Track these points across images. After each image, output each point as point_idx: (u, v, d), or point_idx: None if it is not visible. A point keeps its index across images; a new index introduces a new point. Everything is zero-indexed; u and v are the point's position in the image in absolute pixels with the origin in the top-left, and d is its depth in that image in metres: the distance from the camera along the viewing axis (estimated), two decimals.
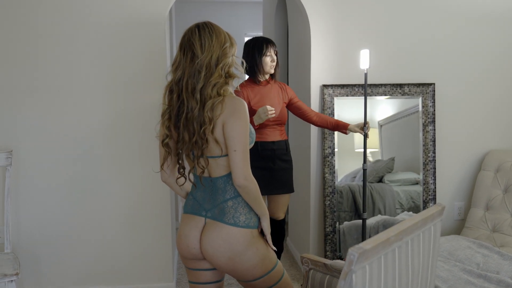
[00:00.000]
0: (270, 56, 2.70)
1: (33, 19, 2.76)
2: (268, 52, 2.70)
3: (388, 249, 1.24)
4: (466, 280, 2.30)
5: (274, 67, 2.73)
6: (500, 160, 3.12)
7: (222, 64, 1.66)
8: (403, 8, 3.09)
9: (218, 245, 1.68)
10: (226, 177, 1.70)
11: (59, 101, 2.83)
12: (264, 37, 2.79)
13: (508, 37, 3.20)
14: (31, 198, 2.86)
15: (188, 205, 1.80)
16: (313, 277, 1.92)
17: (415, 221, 1.36)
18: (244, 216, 1.70)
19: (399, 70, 3.13)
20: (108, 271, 2.97)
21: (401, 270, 1.30)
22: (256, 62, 2.71)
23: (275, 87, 2.82)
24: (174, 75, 1.68)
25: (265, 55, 2.70)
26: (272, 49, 2.71)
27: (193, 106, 1.63)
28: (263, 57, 2.70)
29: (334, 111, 3.06)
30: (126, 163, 2.90)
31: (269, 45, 2.71)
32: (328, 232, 3.08)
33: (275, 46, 2.74)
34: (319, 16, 3.01)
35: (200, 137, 1.63)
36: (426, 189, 3.16)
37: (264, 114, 2.56)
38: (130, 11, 2.81)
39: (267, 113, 2.55)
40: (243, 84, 2.80)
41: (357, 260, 1.11)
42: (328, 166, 3.07)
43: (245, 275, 1.72)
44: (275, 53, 2.73)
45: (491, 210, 3.03)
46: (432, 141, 3.14)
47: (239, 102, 1.65)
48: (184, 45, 1.68)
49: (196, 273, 1.82)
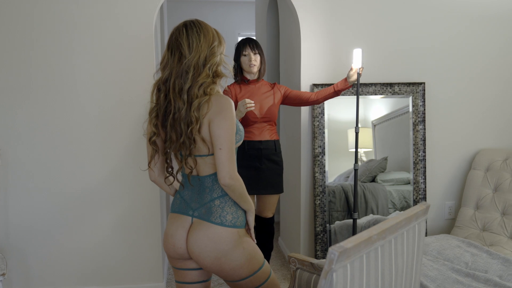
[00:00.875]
0: (248, 56, 2.74)
1: (19, 18, 2.74)
2: (245, 52, 2.75)
3: (370, 248, 1.23)
4: (455, 279, 2.30)
5: (253, 66, 2.75)
6: (490, 159, 3.13)
7: (210, 64, 1.65)
8: (393, 7, 3.09)
9: (204, 244, 1.67)
10: (214, 175, 1.70)
11: (49, 100, 2.81)
12: (248, 37, 2.83)
13: (498, 37, 3.21)
14: (20, 197, 2.84)
15: (176, 204, 1.79)
16: (300, 277, 1.91)
17: (398, 220, 1.35)
18: (231, 216, 1.69)
19: (389, 70, 3.13)
20: (98, 272, 2.95)
21: (384, 269, 1.30)
22: (238, 62, 2.79)
23: (265, 86, 2.84)
24: (162, 74, 1.67)
25: (242, 55, 2.77)
26: (249, 48, 2.74)
27: (180, 106, 1.62)
28: (241, 56, 2.77)
29: (325, 110, 3.06)
30: (116, 163, 2.89)
31: (246, 44, 2.75)
32: (319, 231, 3.07)
33: (255, 46, 2.76)
34: (309, 15, 3.01)
35: (187, 137, 1.62)
36: (416, 188, 3.16)
37: (243, 107, 2.57)
38: (119, 11, 2.80)
39: (246, 106, 2.56)
40: (233, 83, 2.84)
41: (337, 259, 1.10)
42: (318, 165, 3.07)
43: (232, 275, 1.72)
44: (255, 53, 2.75)
45: (481, 209, 3.04)
46: (422, 141, 3.14)
47: (225, 101, 1.64)
48: (171, 44, 1.67)
49: (182, 273, 1.81)
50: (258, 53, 2.76)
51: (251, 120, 2.73)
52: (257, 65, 2.76)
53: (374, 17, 3.07)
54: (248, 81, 2.82)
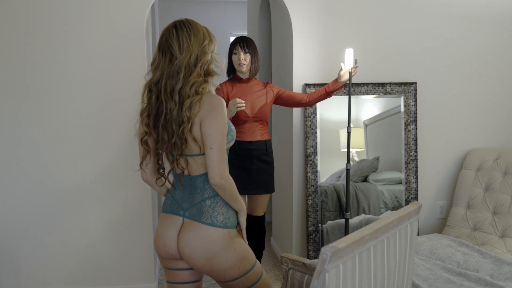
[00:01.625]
0: (238, 54, 2.74)
1: (12, 18, 2.70)
2: (235, 50, 2.75)
3: (362, 248, 1.22)
4: (446, 278, 2.31)
5: (243, 65, 2.73)
6: (481, 159, 3.14)
7: (201, 63, 1.64)
8: (385, 9, 3.09)
9: (195, 245, 1.66)
10: (205, 175, 1.69)
11: (41, 99, 2.78)
12: (241, 36, 2.82)
13: (490, 38, 3.23)
14: (9, 197, 2.81)
15: (167, 204, 1.78)
16: (293, 277, 1.90)
17: (390, 220, 1.35)
18: (222, 216, 1.68)
19: (381, 70, 3.13)
20: (89, 272, 2.92)
21: (376, 269, 1.29)
22: (230, 60, 2.79)
23: (258, 85, 2.83)
24: (153, 75, 1.66)
25: (233, 53, 2.77)
26: (240, 47, 2.73)
27: (171, 107, 1.61)
28: (232, 55, 2.77)
29: (317, 110, 3.06)
30: (108, 163, 2.87)
31: (236, 43, 2.75)
32: (311, 231, 3.07)
33: (245, 45, 2.74)
34: (301, 15, 3.01)
35: (179, 137, 1.61)
36: (408, 188, 3.17)
37: (234, 106, 2.56)
38: (111, 11, 2.78)
39: (236, 105, 2.56)
40: (226, 81, 2.84)
41: (330, 259, 1.09)
42: (310, 165, 3.06)
43: (223, 276, 1.70)
44: (246, 52, 2.74)
45: (472, 208, 3.05)
46: (414, 140, 3.15)
47: (217, 100, 1.63)
48: (162, 46, 1.66)
49: (173, 273, 1.80)
50: (248, 52, 2.74)
51: (242, 119, 2.72)
52: (246, 64, 2.74)
53: (365, 17, 3.08)
54: (240, 80, 2.81)
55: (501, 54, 3.25)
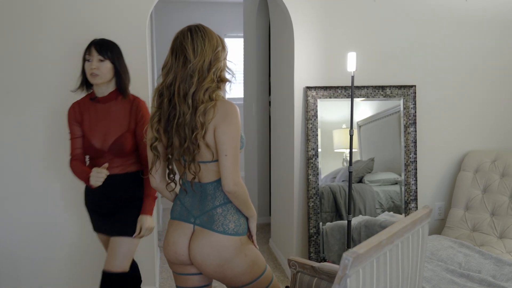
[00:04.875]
0: (90, 62, 2.06)
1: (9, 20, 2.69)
2: (88, 56, 2.07)
3: (380, 253, 1.24)
4: (450, 279, 2.34)
5: (95, 76, 2.04)
6: (479, 160, 3.18)
7: (214, 69, 1.64)
8: (385, 13, 3.12)
9: (207, 253, 1.66)
10: (216, 183, 1.68)
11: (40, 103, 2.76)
12: (100, 39, 2.14)
13: (487, 40, 3.27)
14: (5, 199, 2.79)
15: (176, 211, 1.77)
16: (301, 280, 1.92)
17: (405, 224, 1.37)
18: (234, 224, 1.68)
19: (381, 73, 3.16)
20: (90, 275, 2.91)
21: (392, 273, 1.31)
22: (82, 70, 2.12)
23: (123, 105, 2.13)
24: (165, 79, 1.65)
25: (86, 60, 2.09)
26: (95, 52, 2.05)
27: (185, 111, 1.60)
28: (85, 62, 2.10)
29: (317, 112, 3.07)
30: None
31: (91, 47, 2.07)
32: (312, 233, 3.09)
33: (102, 49, 2.07)
34: (302, 18, 3.02)
35: (191, 142, 1.60)
36: (407, 189, 3.20)
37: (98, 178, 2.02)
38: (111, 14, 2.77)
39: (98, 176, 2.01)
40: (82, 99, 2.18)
41: (351, 265, 1.11)
42: (311, 167, 3.08)
43: (234, 282, 1.72)
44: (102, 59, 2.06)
45: (470, 210, 3.09)
46: (413, 143, 3.18)
47: (231, 107, 1.64)
48: (176, 48, 1.65)
49: (183, 278, 1.80)
50: (107, 58, 2.06)
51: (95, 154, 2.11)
52: (101, 75, 2.05)
53: (366, 21, 3.10)
54: (96, 98, 2.12)
55: (497, 57, 3.30)
